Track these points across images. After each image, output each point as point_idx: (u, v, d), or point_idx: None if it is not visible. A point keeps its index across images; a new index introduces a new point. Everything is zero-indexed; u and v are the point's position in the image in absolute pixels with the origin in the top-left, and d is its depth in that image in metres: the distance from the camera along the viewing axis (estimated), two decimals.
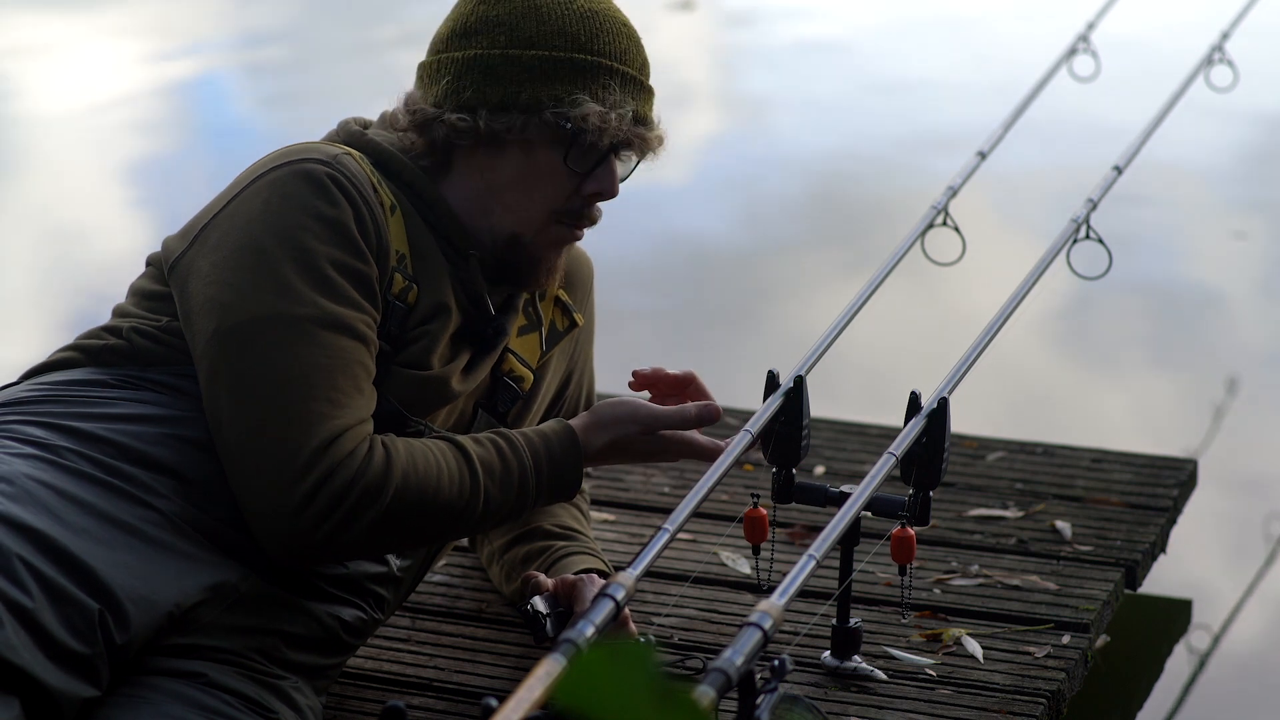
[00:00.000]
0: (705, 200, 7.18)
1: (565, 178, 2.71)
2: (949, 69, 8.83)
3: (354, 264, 2.59)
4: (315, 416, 2.52)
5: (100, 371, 2.66)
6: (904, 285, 3.79)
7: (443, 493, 2.60)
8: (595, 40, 2.71)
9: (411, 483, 2.58)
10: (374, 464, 2.55)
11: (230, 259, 2.58)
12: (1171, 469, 3.81)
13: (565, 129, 2.68)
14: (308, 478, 2.51)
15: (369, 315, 2.60)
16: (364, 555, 2.68)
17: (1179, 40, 5.52)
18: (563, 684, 1.24)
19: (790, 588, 2.25)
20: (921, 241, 3.22)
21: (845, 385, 5.00)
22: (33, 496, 2.49)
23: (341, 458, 2.52)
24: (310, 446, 2.51)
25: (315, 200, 2.59)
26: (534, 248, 2.75)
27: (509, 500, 2.67)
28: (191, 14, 9.78)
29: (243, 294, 2.56)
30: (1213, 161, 7.51)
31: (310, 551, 2.56)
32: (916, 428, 2.73)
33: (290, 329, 2.54)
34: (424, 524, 2.61)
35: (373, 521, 2.55)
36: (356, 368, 2.57)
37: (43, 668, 2.40)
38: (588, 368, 3.09)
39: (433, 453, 2.61)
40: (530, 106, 2.68)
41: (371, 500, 2.54)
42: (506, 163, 2.71)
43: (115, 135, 7.85)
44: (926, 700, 2.92)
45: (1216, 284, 6.49)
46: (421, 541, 2.70)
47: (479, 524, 2.68)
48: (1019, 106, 3.61)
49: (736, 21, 10.06)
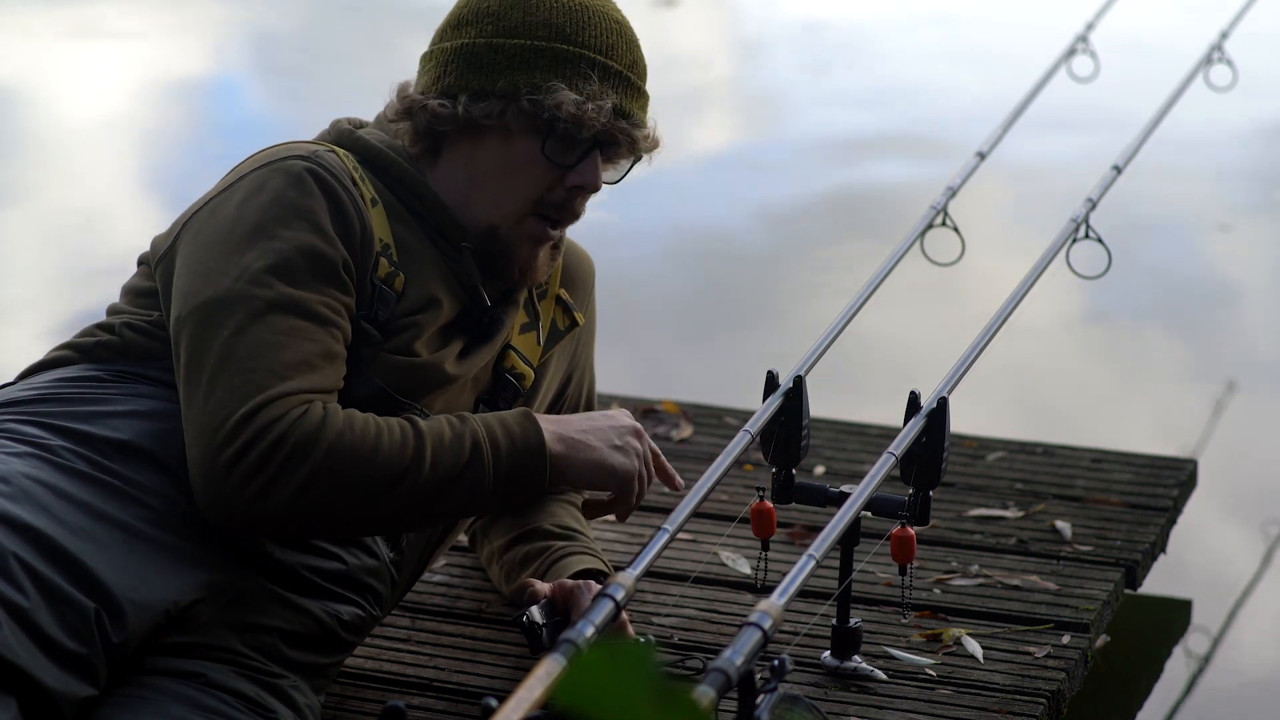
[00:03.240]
0: (717, 196, 7.19)
1: (545, 168, 2.72)
2: (948, 69, 8.83)
3: (322, 249, 2.60)
4: (253, 387, 2.51)
5: (95, 368, 2.67)
6: (904, 285, 3.79)
7: (382, 450, 2.54)
8: (580, 32, 2.72)
9: (347, 439, 2.52)
10: (306, 421, 2.51)
11: (201, 249, 2.62)
12: (1171, 469, 3.81)
13: (542, 117, 2.69)
14: (238, 438, 2.48)
15: (334, 300, 2.60)
16: (304, 522, 2.56)
17: (1178, 40, 5.52)
18: (563, 684, 1.24)
19: (790, 588, 2.25)
20: (921, 242, 3.23)
21: (845, 385, 4.99)
22: (29, 495, 2.49)
23: (273, 419, 2.49)
24: (242, 410, 2.49)
25: (287, 191, 2.63)
26: (510, 239, 2.75)
27: (461, 466, 2.58)
28: (206, 13, 9.78)
29: (205, 279, 2.59)
30: (1213, 161, 7.51)
31: (242, 510, 2.49)
32: (916, 427, 2.73)
33: (242, 308, 2.55)
34: (362, 486, 2.53)
35: (305, 480, 2.49)
36: (309, 346, 2.56)
37: (40, 667, 2.40)
38: (588, 368, 3.09)
39: (376, 419, 2.57)
40: (507, 93, 2.70)
41: (302, 456, 2.49)
42: (487, 151, 2.73)
43: (131, 134, 7.87)
44: (926, 700, 2.92)
45: (1217, 284, 6.49)
46: (364, 508, 2.57)
47: (429, 494, 2.58)
48: (1018, 107, 3.62)
49: (725, 15, 10.06)
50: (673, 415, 4.04)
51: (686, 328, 6.07)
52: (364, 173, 2.72)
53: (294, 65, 9.04)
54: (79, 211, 7.00)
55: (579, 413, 2.90)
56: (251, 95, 8.73)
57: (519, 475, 2.63)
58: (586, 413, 2.82)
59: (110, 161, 7.62)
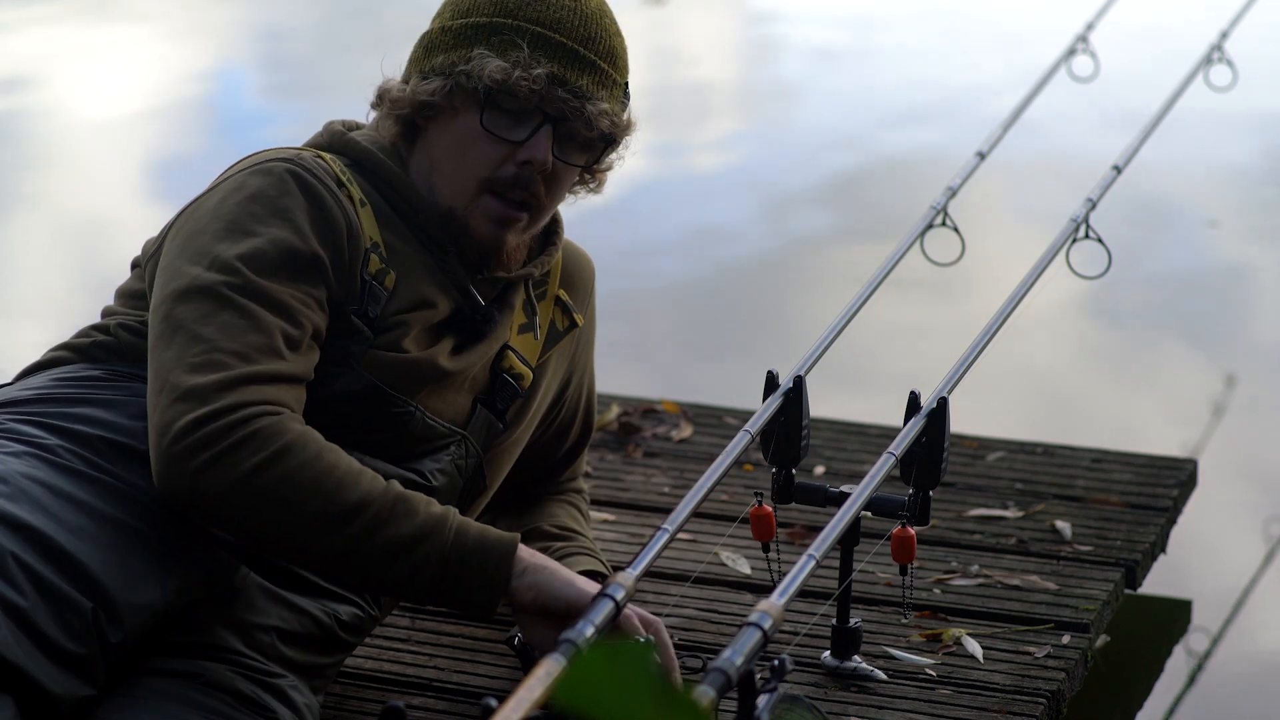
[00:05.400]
0: (725, 195, 7.19)
1: (491, 144, 2.71)
2: (948, 69, 8.83)
3: (293, 243, 2.61)
4: (217, 364, 2.50)
5: (92, 368, 2.68)
6: (905, 285, 3.79)
7: (346, 485, 2.48)
8: (526, 8, 2.73)
9: (310, 455, 2.47)
10: (274, 420, 2.48)
11: (178, 247, 2.63)
12: (1171, 469, 3.81)
13: (478, 90, 2.69)
14: (198, 409, 2.46)
15: (304, 294, 2.60)
16: (237, 516, 2.48)
17: (1178, 40, 5.52)
18: (563, 684, 1.24)
19: (790, 587, 2.25)
20: (921, 242, 3.22)
21: (845, 385, 5.00)
22: (27, 494, 2.49)
23: (237, 401, 2.48)
24: (209, 383, 2.48)
25: (266, 190, 2.64)
26: (467, 219, 2.74)
27: (399, 536, 2.48)
28: (216, 13, 9.79)
29: (177, 272, 2.60)
30: (1214, 161, 7.51)
31: (181, 485, 2.45)
32: (916, 427, 2.73)
33: (209, 294, 2.55)
34: (309, 506, 2.46)
35: (250, 472, 2.45)
36: (275, 334, 2.55)
37: (38, 666, 2.40)
38: (588, 369, 3.09)
39: (358, 463, 2.53)
40: (444, 70, 2.72)
41: (255, 448, 2.46)
42: (440, 132, 2.75)
43: (140, 134, 7.87)
44: (926, 700, 2.92)
45: (1217, 283, 6.49)
46: (301, 532, 2.48)
47: (372, 552, 2.48)
48: (1018, 107, 3.62)
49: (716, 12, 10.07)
50: (673, 415, 4.04)
51: (687, 327, 6.06)
52: (352, 175, 2.73)
53: (303, 66, 9.03)
54: (87, 209, 7.00)
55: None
56: (260, 97, 8.73)
57: (472, 566, 2.51)
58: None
59: (120, 164, 7.62)
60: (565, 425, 3.06)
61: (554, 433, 3.05)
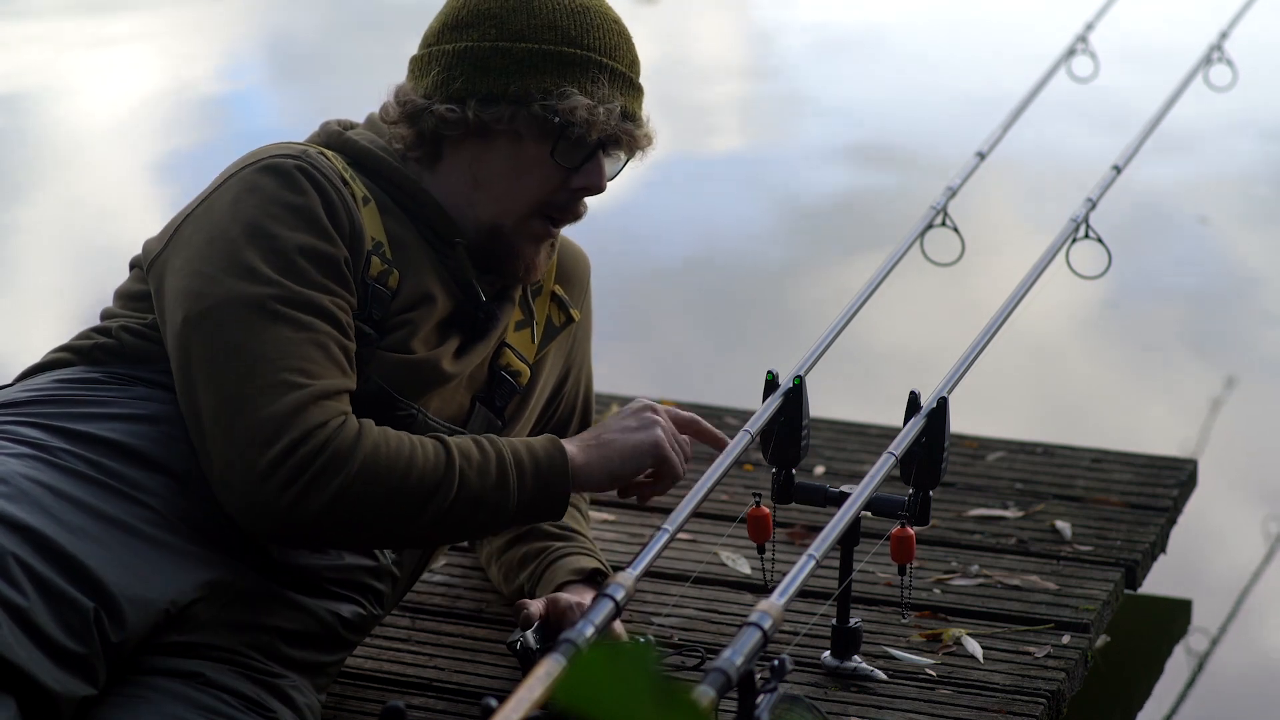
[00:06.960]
0: (725, 195, 7.19)
1: (552, 171, 2.72)
2: (948, 69, 8.83)
3: (322, 247, 2.60)
4: (286, 385, 2.51)
5: (93, 370, 2.67)
6: (905, 285, 3.79)
7: (415, 468, 2.56)
8: (585, 35, 2.72)
9: (382, 454, 2.54)
10: (344, 432, 2.52)
11: (199, 251, 2.61)
12: (1171, 469, 3.81)
13: (553, 122, 2.69)
14: (278, 441, 2.49)
15: (340, 297, 2.61)
16: (334, 532, 2.57)
17: (1178, 40, 5.51)
18: (563, 684, 1.24)
19: (790, 587, 2.25)
20: (920, 242, 3.22)
21: (845, 385, 4.99)
22: (28, 496, 2.49)
23: (313, 425, 2.50)
24: (282, 410, 2.50)
25: (281, 190, 2.62)
26: (513, 238, 2.76)
27: (488, 489, 2.61)
28: (223, 17, 9.79)
29: (209, 281, 2.58)
30: (1215, 161, 7.51)
31: (276, 519, 2.50)
32: (916, 427, 2.73)
33: (256, 309, 2.55)
34: (395, 500, 2.55)
35: (340, 490, 2.50)
36: (329, 342, 2.57)
37: (39, 666, 2.40)
38: (585, 365, 3.09)
39: (409, 436, 2.60)
40: (519, 98, 2.70)
41: (339, 466, 2.50)
42: (495, 154, 2.73)
43: (148, 135, 7.87)
44: (926, 700, 2.92)
45: (1217, 283, 6.49)
46: (394, 524, 2.59)
47: (457, 514, 2.60)
48: (1018, 107, 3.62)
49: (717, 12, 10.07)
50: None
51: (687, 328, 6.06)
52: (354, 173, 2.72)
53: (308, 68, 9.03)
54: (95, 210, 7.00)
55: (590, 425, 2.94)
56: (266, 98, 8.73)
57: (543, 496, 2.65)
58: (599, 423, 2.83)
59: (129, 163, 7.62)
60: (563, 421, 3.07)
61: (552, 428, 3.05)
